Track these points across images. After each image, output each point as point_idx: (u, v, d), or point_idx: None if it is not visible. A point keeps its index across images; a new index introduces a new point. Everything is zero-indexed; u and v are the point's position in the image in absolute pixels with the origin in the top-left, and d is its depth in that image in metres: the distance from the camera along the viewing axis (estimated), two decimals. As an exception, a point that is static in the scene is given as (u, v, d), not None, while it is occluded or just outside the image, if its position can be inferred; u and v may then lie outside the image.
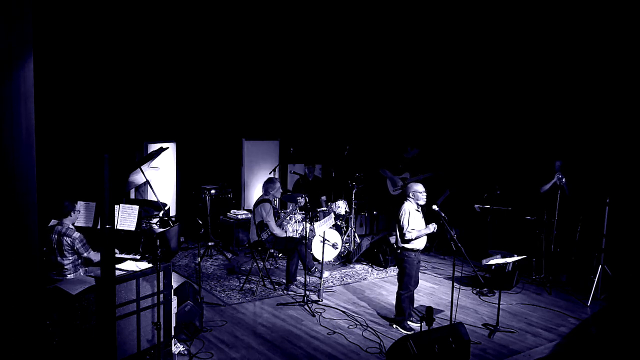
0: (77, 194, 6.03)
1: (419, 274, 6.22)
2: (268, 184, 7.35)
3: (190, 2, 8.50)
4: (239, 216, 8.93)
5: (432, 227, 5.84)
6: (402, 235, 5.81)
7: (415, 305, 6.32)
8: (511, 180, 8.62)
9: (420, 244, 5.88)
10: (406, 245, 5.84)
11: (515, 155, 8.77)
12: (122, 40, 8.11)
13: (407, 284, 5.90)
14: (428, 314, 4.83)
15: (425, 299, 6.92)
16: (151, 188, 6.65)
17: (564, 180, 7.24)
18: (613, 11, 7.34)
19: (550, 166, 7.63)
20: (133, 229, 6.04)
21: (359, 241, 8.66)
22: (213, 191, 9.18)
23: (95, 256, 5.50)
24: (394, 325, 6.04)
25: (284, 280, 7.31)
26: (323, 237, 8.07)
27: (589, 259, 7.35)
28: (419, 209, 5.93)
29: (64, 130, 7.59)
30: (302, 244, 7.06)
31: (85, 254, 5.40)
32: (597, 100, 7.79)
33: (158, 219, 6.53)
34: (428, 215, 6.06)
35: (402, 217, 5.82)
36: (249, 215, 8.52)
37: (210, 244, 8.73)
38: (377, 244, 8.40)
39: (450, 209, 7.52)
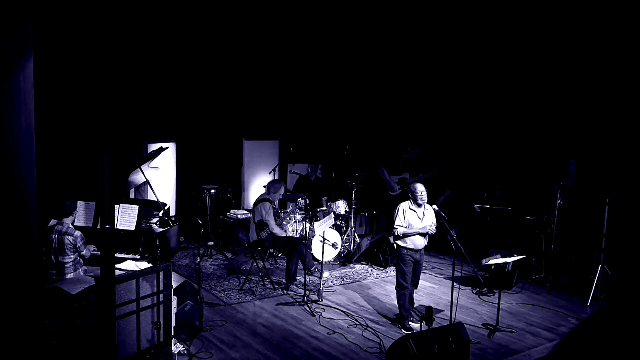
0: (77, 194, 6.05)
1: (421, 275, 6.24)
2: (272, 184, 7.35)
3: (190, 3, 8.50)
4: (239, 216, 8.93)
5: (429, 228, 5.85)
6: (392, 231, 5.97)
7: (415, 305, 6.33)
8: (511, 181, 8.62)
9: (415, 243, 5.88)
10: (399, 243, 5.95)
11: (515, 156, 8.77)
12: (122, 41, 8.11)
13: (399, 281, 5.97)
14: (428, 314, 4.84)
15: (425, 299, 6.92)
16: (151, 188, 6.66)
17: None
18: (610, 11, 7.35)
19: (548, 166, 7.71)
20: (133, 229, 6.05)
21: (359, 241, 8.66)
22: (213, 191, 9.18)
23: (87, 252, 5.55)
24: (398, 325, 6.07)
25: (284, 280, 7.31)
26: (323, 237, 8.07)
27: (589, 259, 7.35)
28: (419, 208, 5.93)
29: (64, 130, 7.59)
30: (302, 244, 7.06)
31: (83, 252, 5.46)
32: (597, 100, 7.80)
33: (158, 219, 6.54)
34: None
35: (395, 215, 5.97)
36: (249, 215, 8.52)
37: (210, 244, 8.73)
38: (377, 244, 8.40)
39: (450, 209, 7.52)
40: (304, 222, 8.19)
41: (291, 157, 9.82)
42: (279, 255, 8.51)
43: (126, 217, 6.08)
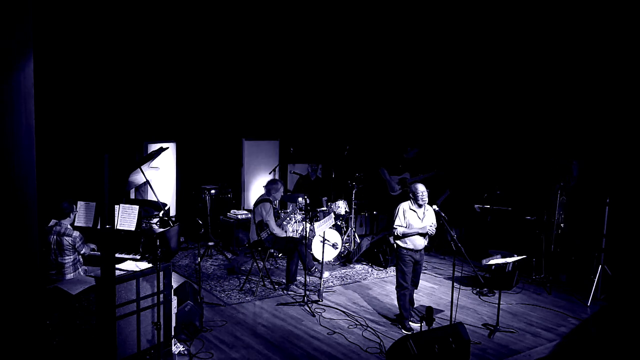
0: (77, 194, 6.05)
1: (420, 275, 6.24)
2: (271, 184, 7.36)
3: (190, 3, 8.50)
4: (239, 216, 8.93)
5: (428, 228, 5.85)
6: (392, 231, 5.97)
7: (415, 305, 6.33)
8: (511, 181, 8.62)
9: (414, 243, 5.88)
10: (399, 242, 5.95)
11: (515, 156, 8.77)
12: (122, 41, 8.11)
13: (398, 281, 5.97)
14: (428, 314, 4.84)
15: (425, 299, 6.92)
16: (151, 188, 6.66)
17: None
18: (610, 11, 7.35)
19: (548, 166, 7.70)
20: (133, 229, 6.04)
21: (359, 241, 8.66)
22: (213, 191, 9.18)
23: (86, 249, 5.57)
24: (398, 325, 6.07)
25: (284, 280, 7.31)
26: (323, 237, 8.07)
27: (589, 259, 7.35)
28: (419, 208, 5.93)
29: (64, 130, 7.59)
30: (302, 244, 7.06)
31: (83, 251, 5.47)
32: (597, 100, 7.79)
33: (158, 219, 6.53)
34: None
35: (395, 215, 5.97)
36: (249, 215, 8.52)
37: (210, 244, 8.73)
38: (377, 244, 8.40)
39: (450, 209, 7.52)
40: (304, 222, 8.19)
41: (291, 157, 9.82)
42: (279, 255, 8.51)
43: (126, 217, 6.08)
